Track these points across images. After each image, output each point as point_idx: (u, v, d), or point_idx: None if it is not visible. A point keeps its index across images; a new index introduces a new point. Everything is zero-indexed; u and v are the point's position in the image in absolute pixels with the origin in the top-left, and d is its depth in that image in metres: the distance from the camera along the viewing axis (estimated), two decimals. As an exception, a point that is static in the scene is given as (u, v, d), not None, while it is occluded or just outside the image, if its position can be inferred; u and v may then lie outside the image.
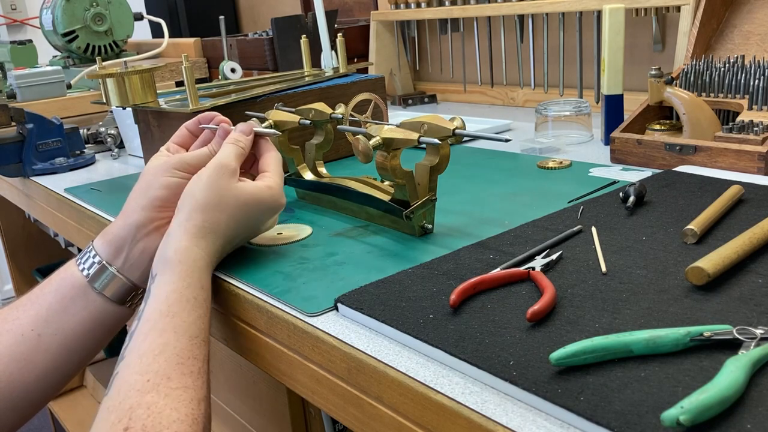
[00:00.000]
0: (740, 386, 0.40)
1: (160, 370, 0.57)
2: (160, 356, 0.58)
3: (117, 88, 1.02)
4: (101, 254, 0.73)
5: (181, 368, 0.58)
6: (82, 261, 0.73)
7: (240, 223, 0.71)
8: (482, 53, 1.55)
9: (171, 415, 0.55)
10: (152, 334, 0.60)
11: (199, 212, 0.68)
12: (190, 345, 0.61)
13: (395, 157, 0.72)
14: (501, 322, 0.52)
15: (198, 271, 0.66)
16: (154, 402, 0.55)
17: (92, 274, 0.72)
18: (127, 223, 0.72)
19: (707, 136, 0.90)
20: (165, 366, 0.58)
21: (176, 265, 0.65)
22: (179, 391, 0.57)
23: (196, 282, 0.65)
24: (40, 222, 1.78)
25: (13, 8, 3.14)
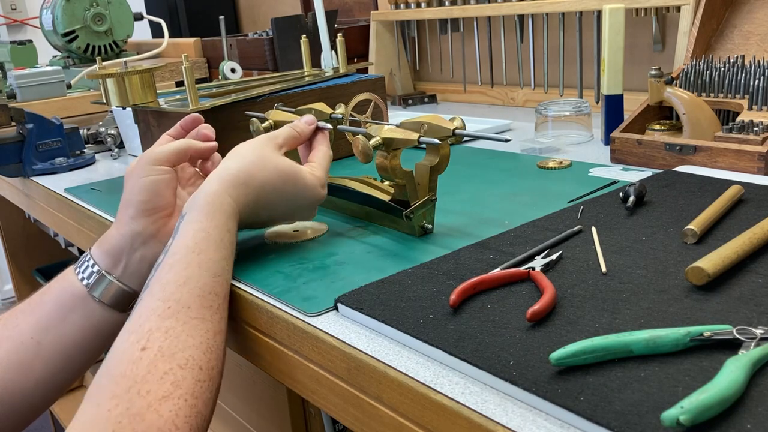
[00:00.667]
0: (740, 386, 0.40)
1: (182, 299, 0.60)
2: (184, 287, 0.61)
3: (117, 88, 1.02)
4: (99, 263, 0.73)
5: (202, 301, 0.61)
6: (81, 270, 0.73)
7: (275, 191, 0.71)
8: (482, 53, 1.55)
9: (187, 340, 0.58)
10: (177, 266, 0.62)
11: (236, 163, 0.70)
12: (212, 282, 0.62)
13: (395, 157, 0.72)
14: (501, 322, 0.52)
15: (225, 215, 0.67)
16: (172, 327, 0.58)
17: (92, 283, 0.72)
18: (121, 233, 0.73)
19: (707, 136, 0.90)
20: (187, 296, 0.60)
21: (205, 206, 0.67)
22: (197, 321, 0.59)
23: (222, 225, 0.66)
24: (40, 222, 1.78)
25: (13, 8, 3.14)
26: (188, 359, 0.57)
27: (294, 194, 0.73)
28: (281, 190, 0.72)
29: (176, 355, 0.56)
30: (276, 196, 0.72)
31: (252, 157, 0.72)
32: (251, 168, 0.71)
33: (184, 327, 0.58)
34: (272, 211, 0.73)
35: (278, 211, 0.74)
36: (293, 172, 0.72)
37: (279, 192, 0.72)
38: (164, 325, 0.58)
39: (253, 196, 0.70)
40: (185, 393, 0.55)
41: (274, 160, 0.72)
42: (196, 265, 0.63)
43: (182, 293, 0.60)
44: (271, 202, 0.72)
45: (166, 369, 0.55)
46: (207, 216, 0.66)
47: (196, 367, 0.57)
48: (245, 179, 0.70)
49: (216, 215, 0.67)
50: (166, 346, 0.57)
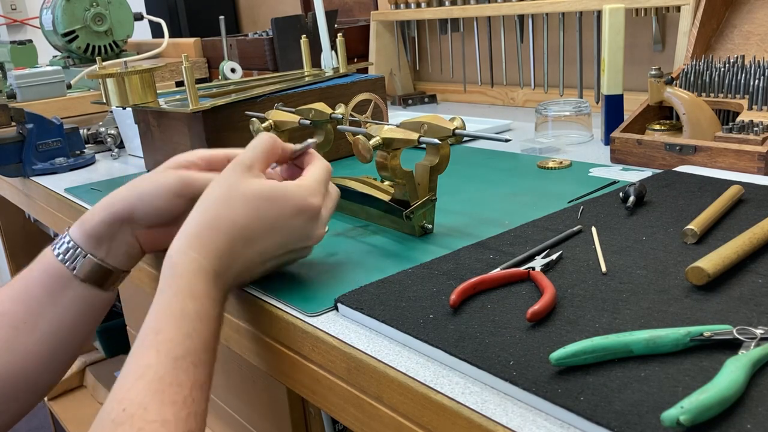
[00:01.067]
0: (740, 386, 0.40)
1: (137, 398, 0.50)
2: (140, 381, 0.51)
3: (117, 88, 1.02)
4: (82, 244, 0.69)
5: (161, 397, 0.51)
6: (64, 255, 0.69)
7: (253, 220, 0.61)
8: (482, 53, 1.55)
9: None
10: (136, 354, 0.54)
11: (199, 207, 0.61)
12: (173, 369, 0.52)
13: (395, 157, 0.72)
14: (501, 322, 0.52)
15: (188, 275, 0.57)
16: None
17: (84, 270, 0.69)
18: (105, 220, 0.69)
19: (707, 136, 0.90)
20: (143, 393, 0.51)
21: (167, 270, 0.58)
22: (155, 425, 0.49)
23: (184, 290, 0.57)
24: (40, 222, 1.78)
25: (13, 8, 3.14)
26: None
27: (277, 216, 0.61)
28: (260, 216, 0.61)
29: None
30: (257, 226, 0.61)
31: (217, 193, 0.61)
32: (217, 206, 0.60)
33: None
34: (261, 247, 0.62)
35: (267, 243, 0.62)
36: (269, 190, 0.61)
37: (258, 220, 0.61)
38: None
39: (226, 238, 0.59)
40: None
41: (243, 186, 0.61)
42: (154, 349, 0.53)
43: (138, 389, 0.51)
44: (253, 237, 0.61)
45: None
46: (167, 284, 0.57)
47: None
48: (210, 222, 0.60)
49: (176, 280, 0.57)
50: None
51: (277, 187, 0.62)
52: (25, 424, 2.38)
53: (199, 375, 0.54)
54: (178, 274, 0.58)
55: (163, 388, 0.51)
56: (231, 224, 0.60)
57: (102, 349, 1.94)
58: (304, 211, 0.62)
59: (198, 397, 0.53)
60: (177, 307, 0.56)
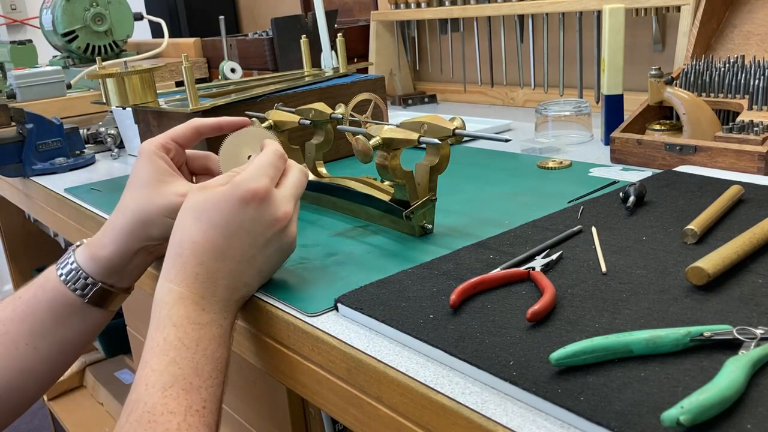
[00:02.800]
0: (740, 386, 0.40)
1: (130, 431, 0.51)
2: (132, 415, 0.52)
3: (117, 88, 1.02)
4: (94, 274, 0.70)
5: (154, 427, 0.51)
6: (73, 283, 0.70)
7: (209, 231, 0.60)
8: (482, 53, 1.55)
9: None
10: (131, 391, 0.54)
11: (169, 242, 0.62)
12: (162, 398, 0.53)
13: (395, 157, 0.72)
14: (501, 322, 0.52)
15: (167, 306, 0.58)
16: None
17: (92, 296, 0.70)
18: (118, 252, 0.70)
19: (707, 136, 0.90)
20: (135, 426, 0.51)
21: (152, 306, 0.59)
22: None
23: (164, 320, 0.57)
24: (40, 222, 1.78)
25: (13, 8, 3.14)
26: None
27: (227, 217, 0.60)
28: (213, 226, 0.60)
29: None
30: (215, 236, 0.60)
31: (176, 221, 0.62)
32: (175, 234, 0.61)
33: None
34: (233, 253, 0.61)
35: (237, 247, 0.61)
36: (207, 198, 0.61)
37: (213, 229, 0.60)
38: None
39: (195, 260, 0.59)
40: None
41: (186, 203, 0.62)
42: (143, 383, 0.54)
43: (131, 423, 0.52)
44: (219, 248, 0.60)
45: None
46: (152, 318, 0.58)
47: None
48: (175, 250, 0.60)
49: (156, 314, 0.58)
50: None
51: (215, 192, 0.61)
52: (26, 425, 2.38)
53: (193, 400, 0.54)
54: (158, 308, 0.59)
55: (155, 419, 0.51)
56: (192, 245, 0.60)
57: (102, 349, 1.94)
58: (247, 199, 0.60)
59: (195, 422, 0.53)
60: (159, 338, 0.56)
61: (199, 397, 0.55)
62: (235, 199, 0.60)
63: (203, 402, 0.55)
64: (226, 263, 0.60)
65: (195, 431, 0.52)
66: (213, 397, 0.56)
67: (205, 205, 0.61)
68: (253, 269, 0.63)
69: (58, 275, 0.70)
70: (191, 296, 0.59)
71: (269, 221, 0.62)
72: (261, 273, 0.64)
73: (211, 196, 0.61)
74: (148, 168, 0.70)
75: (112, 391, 1.86)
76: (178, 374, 0.54)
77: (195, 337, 0.57)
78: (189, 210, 0.61)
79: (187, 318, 0.58)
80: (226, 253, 0.60)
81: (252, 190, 0.60)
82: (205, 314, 0.59)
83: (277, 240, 0.63)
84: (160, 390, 0.53)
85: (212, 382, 0.56)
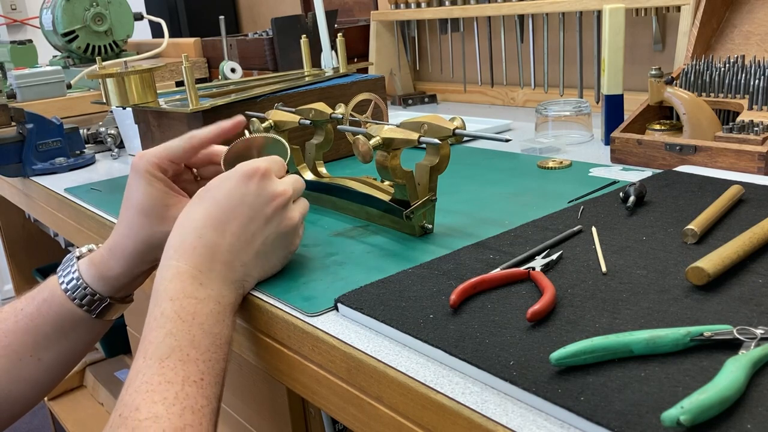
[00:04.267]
0: (740, 386, 0.40)
1: (130, 401, 0.52)
2: (131, 387, 0.53)
3: (117, 88, 1.02)
4: (102, 292, 0.71)
5: (152, 396, 0.52)
6: (80, 299, 0.71)
7: (209, 206, 0.62)
8: (482, 53, 1.55)
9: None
10: (131, 366, 0.56)
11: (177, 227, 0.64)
12: (160, 368, 0.54)
13: (395, 157, 0.72)
14: (501, 322, 0.52)
15: (165, 282, 0.59)
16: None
17: (97, 309, 0.71)
18: (124, 271, 0.72)
19: (707, 136, 0.90)
20: (134, 396, 0.52)
21: (153, 285, 0.61)
22: (148, 422, 0.51)
23: (162, 295, 0.59)
24: (40, 222, 1.78)
25: (13, 8, 3.14)
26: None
27: (228, 191, 0.63)
28: (214, 200, 0.63)
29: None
30: (215, 209, 0.63)
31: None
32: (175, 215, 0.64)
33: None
34: (233, 227, 0.62)
35: (237, 221, 0.63)
36: (211, 182, 0.65)
37: (214, 203, 0.63)
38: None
39: (194, 233, 0.61)
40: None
41: (169, 226, 0.64)
42: (141, 356, 0.55)
43: (130, 394, 0.53)
44: (219, 221, 0.62)
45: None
46: (151, 297, 0.60)
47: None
48: (174, 229, 0.63)
49: (156, 291, 0.60)
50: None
51: (217, 176, 0.65)
52: (26, 425, 2.38)
53: (190, 371, 0.55)
54: (157, 285, 0.60)
55: (152, 388, 0.53)
56: (192, 221, 0.62)
57: (102, 349, 1.94)
58: (250, 174, 0.63)
59: (192, 392, 0.53)
60: (156, 312, 0.58)
61: (197, 368, 0.55)
62: (237, 175, 0.63)
63: (200, 374, 0.55)
64: (226, 237, 0.62)
65: (192, 400, 0.53)
66: (212, 371, 0.56)
67: (208, 187, 0.64)
68: (251, 248, 0.64)
69: (63, 290, 0.71)
70: (189, 270, 0.60)
71: (269, 195, 0.64)
72: (258, 255, 0.64)
73: (213, 180, 0.64)
74: (149, 193, 0.70)
75: (112, 391, 1.86)
76: (175, 346, 0.55)
77: (191, 310, 0.58)
78: (194, 197, 0.65)
79: (183, 292, 0.59)
80: (226, 227, 0.62)
81: (254, 166, 0.64)
82: (203, 289, 0.60)
83: (277, 219, 0.65)
84: (158, 361, 0.54)
85: (210, 356, 0.57)
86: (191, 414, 0.52)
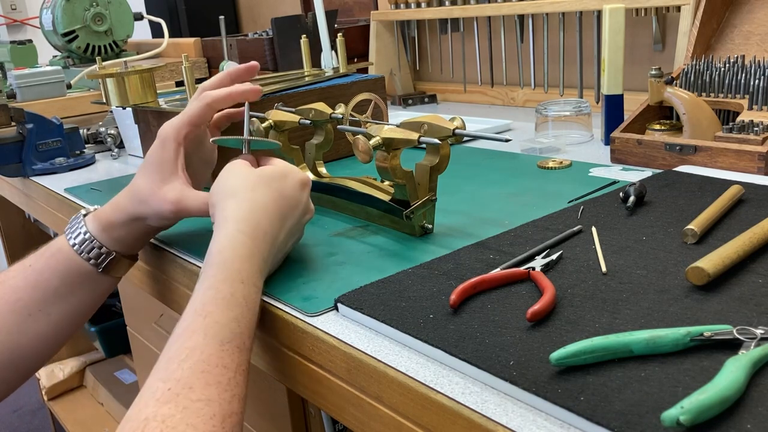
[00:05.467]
0: (740, 386, 0.40)
1: (183, 377, 0.51)
2: (185, 362, 0.52)
3: (117, 88, 1.02)
4: (107, 245, 0.74)
5: (206, 377, 0.52)
6: (87, 252, 0.74)
7: (278, 198, 0.66)
8: (482, 53, 1.55)
9: (185, 431, 0.49)
10: (182, 337, 0.55)
11: (231, 196, 0.65)
12: (219, 351, 0.54)
13: (395, 157, 0.72)
14: (501, 322, 0.52)
15: (239, 260, 0.60)
16: (170, 415, 0.49)
17: (104, 263, 0.74)
18: (123, 219, 0.75)
19: (707, 136, 0.90)
20: (188, 374, 0.52)
21: (215, 255, 0.60)
22: (200, 404, 0.50)
23: (234, 275, 0.59)
24: (40, 222, 1.78)
25: (13, 8, 3.14)
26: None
27: (292, 191, 0.67)
28: (282, 195, 0.67)
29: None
30: (283, 203, 0.66)
31: (239, 182, 0.66)
32: (245, 192, 0.65)
33: (185, 413, 0.49)
34: (288, 224, 0.67)
35: (291, 220, 0.68)
36: (275, 170, 0.68)
37: (282, 198, 0.67)
38: (161, 412, 0.49)
39: (267, 219, 0.64)
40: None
41: (255, 172, 0.67)
42: (201, 332, 0.54)
43: (183, 370, 0.52)
44: (282, 215, 0.66)
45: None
46: (217, 269, 0.59)
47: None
48: (250, 206, 0.64)
49: (227, 265, 0.59)
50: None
51: (279, 166, 0.68)
52: (26, 425, 2.38)
53: (243, 359, 0.55)
54: (228, 258, 0.60)
55: (209, 369, 0.52)
56: (263, 206, 0.64)
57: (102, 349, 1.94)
58: (305, 183, 0.69)
59: (241, 381, 0.54)
60: (227, 291, 0.57)
61: (246, 358, 0.56)
62: (297, 180, 0.68)
63: (247, 363, 0.56)
64: (282, 233, 0.66)
65: (240, 389, 0.54)
66: (249, 363, 0.57)
67: (270, 174, 0.67)
68: (286, 247, 0.69)
69: (71, 245, 0.74)
70: (260, 256, 0.62)
71: (306, 209, 0.70)
72: (285, 254, 0.70)
73: (276, 168, 0.68)
74: (159, 156, 0.74)
75: (112, 391, 1.86)
76: (237, 332, 0.56)
77: (254, 298, 0.60)
78: (259, 175, 0.67)
79: (252, 278, 0.60)
80: (284, 223, 0.66)
81: (306, 177, 0.69)
82: (260, 279, 0.62)
83: (299, 230, 0.70)
84: (219, 343, 0.54)
85: (251, 347, 0.58)
86: (238, 402, 0.53)
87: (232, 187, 0.66)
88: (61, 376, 2.00)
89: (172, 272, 0.80)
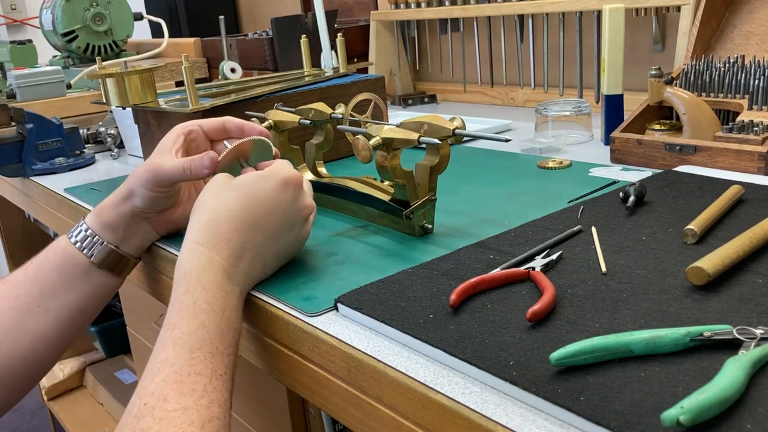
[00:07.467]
0: (740, 386, 0.40)
1: (157, 390, 0.52)
2: (158, 375, 0.53)
3: (117, 88, 1.02)
4: (102, 236, 0.75)
5: (180, 387, 0.52)
6: (87, 248, 0.74)
7: (249, 203, 0.64)
8: (482, 53, 1.55)
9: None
10: (155, 353, 0.55)
11: (198, 210, 0.65)
12: (190, 359, 0.54)
13: (395, 157, 0.72)
14: (501, 322, 0.52)
15: (197, 270, 0.60)
16: (147, 428, 0.50)
17: (100, 257, 0.74)
18: (118, 212, 0.75)
19: (707, 136, 0.90)
20: (162, 386, 0.52)
21: (176, 272, 0.61)
22: (176, 413, 0.51)
23: (194, 284, 0.59)
24: (40, 222, 1.78)
25: (13, 8, 3.14)
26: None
27: (268, 193, 0.65)
28: (254, 198, 0.65)
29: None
30: (254, 208, 0.64)
31: (208, 194, 0.66)
32: (211, 202, 0.65)
33: (161, 425, 0.50)
34: (265, 229, 0.65)
35: (270, 224, 0.65)
36: (251, 176, 0.67)
37: (254, 202, 0.65)
38: (139, 427, 0.50)
39: (230, 226, 0.63)
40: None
41: (229, 180, 0.66)
42: (170, 344, 0.55)
43: (157, 384, 0.52)
44: (254, 221, 0.64)
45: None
46: (178, 282, 0.60)
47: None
48: (210, 215, 0.63)
49: (186, 276, 0.60)
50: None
51: (260, 171, 0.67)
52: (26, 425, 2.38)
53: (218, 364, 0.55)
54: (187, 270, 0.60)
55: (181, 379, 0.53)
56: (229, 212, 0.63)
57: (102, 349, 1.94)
58: (288, 182, 0.66)
59: (219, 386, 0.54)
60: (189, 301, 0.58)
61: (222, 362, 0.56)
62: (278, 179, 0.66)
63: (225, 368, 0.56)
64: (257, 236, 0.64)
65: (219, 394, 0.54)
66: (231, 365, 0.57)
67: (243, 180, 0.66)
68: (273, 249, 0.66)
69: (68, 238, 0.75)
70: (221, 263, 0.61)
71: (301, 206, 0.68)
72: (277, 257, 0.68)
73: (247, 176, 0.66)
74: (160, 143, 0.76)
75: (112, 391, 1.86)
76: (206, 338, 0.56)
77: (222, 303, 0.59)
78: (223, 184, 0.66)
79: (216, 284, 0.60)
80: (260, 226, 0.64)
81: (294, 175, 0.67)
82: (230, 284, 0.61)
83: (300, 227, 0.69)
84: (188, 352, 0.54)
85: (231, 351, 0.58)
86: (218, 407, 0.53)
87: (199, 202, 0.66)
88: (61, 376, 2.00)
89: (171, 272, 0.80)
